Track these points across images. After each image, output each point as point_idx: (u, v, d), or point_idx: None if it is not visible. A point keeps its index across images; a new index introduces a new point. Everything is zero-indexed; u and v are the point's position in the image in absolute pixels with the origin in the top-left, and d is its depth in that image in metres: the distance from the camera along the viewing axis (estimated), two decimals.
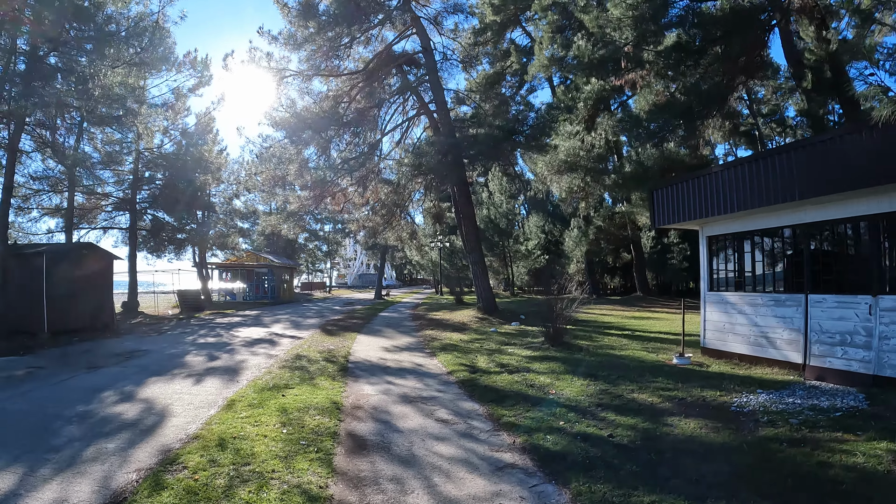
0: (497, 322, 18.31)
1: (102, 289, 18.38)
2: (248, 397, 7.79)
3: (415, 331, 17.17)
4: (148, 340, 15.67)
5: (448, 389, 8.38)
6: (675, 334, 14.80)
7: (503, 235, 40.03)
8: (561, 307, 12.24)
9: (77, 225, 25.07)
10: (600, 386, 8.09)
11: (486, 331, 16.14)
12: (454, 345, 13.25)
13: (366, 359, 11.50)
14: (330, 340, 14.61)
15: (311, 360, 11.14)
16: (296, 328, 18.40)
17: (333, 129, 19.04)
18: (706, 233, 11.33)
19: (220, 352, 12.91)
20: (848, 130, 8.11)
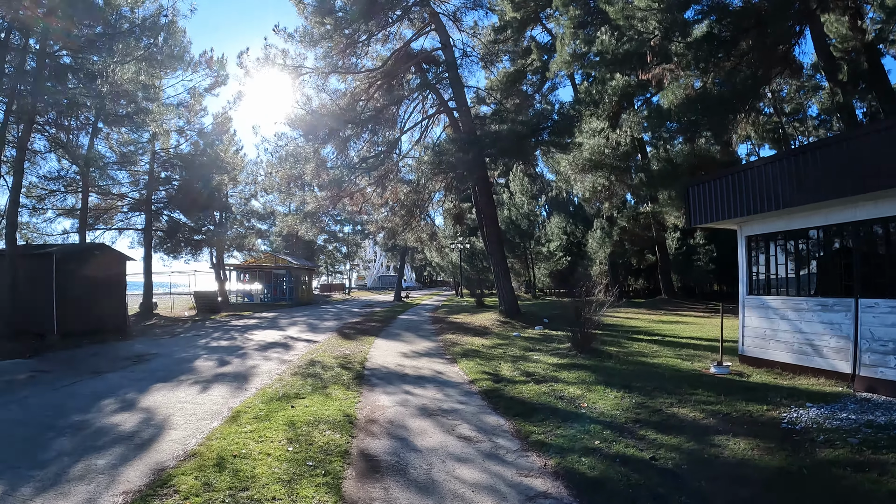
0: (520, 326, 17.64)
1: (115, 290, 18.10)
2: (255, 408, 7.25)
3: (434, 335, 16.57)
4: (159, 343, 15.33)
5: (470, 401, 7.76)
6: (708, 340, 14.03)
7: (524, 237, 39.34)
8: (588, 311, 11.54)
9: (93, 226, 24.96)
10: (636, 398, 7.41)
11: (508, 335, 15.48)
12: (476, 350, 12.62)
13: (383, 365, 10.93)
14: (346, 345, 14.07)
15: (325, 367, 10.59)
16: (312, 331, 17.92)
17: (351, 127, 18.51)
18: (745, 232, 10.56)
19: (231, 356, 12.45)
20: None
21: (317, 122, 18.09)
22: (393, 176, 22.52)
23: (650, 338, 14.47)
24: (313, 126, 18.15)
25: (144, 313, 24.31)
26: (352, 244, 67.47)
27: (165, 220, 27.14)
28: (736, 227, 10.76)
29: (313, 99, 19.93)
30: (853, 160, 7.50)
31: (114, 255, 18.57)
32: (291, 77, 20.06)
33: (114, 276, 18.14)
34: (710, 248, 33.72)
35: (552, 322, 18.64)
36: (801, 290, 9.52)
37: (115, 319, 17.95)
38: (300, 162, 19.08)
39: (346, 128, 18.24)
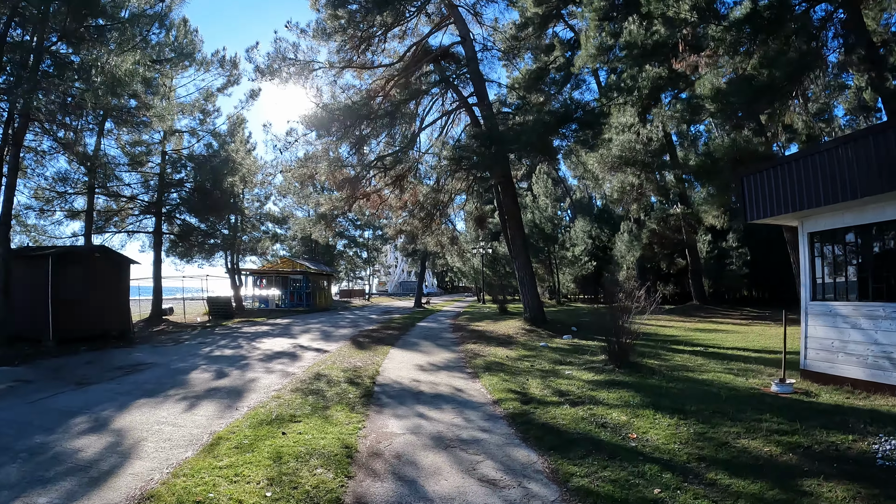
0: (546, 335, 16.34)
1: (117, 294, 17.25)
2: (240, 434, 6.16)
3: (455, 345, 15.34)
4: (160, 351, 14.45)
5: (494, 428, 6.52)
6: (757, 351, 12.66)
7: (548, 241, 37.98)
8: (626, 320, 10.24)
9: (102, 228, 24.28)
10: (694, 427, 6.12)
11: (535, 345, 14.17)
12: (500, 363, 11.36)
13: (396, 380, 9.74)
14: (359, 356, 12.93)
15: (331, 382, 9.45)
16: (324, 340, 16.83)
17: (366, 123, 17.40)
18: (808, 228, 9.16)
19: (231, 367, 11.42)
20: None
21: (330, 119, 17.02)
22: (411, 176, 21.40)
23: (691, 348, 13.09)
24: (326, 123, 17.09)
25: (153, 319, 23.53)
26: (372, 249, 66.64)
27: (179, 224, 26.39)
28: (796, 222, 9.39)
29: (326, 95, 18.96)
30: None
31: (116, 258, 17.74)
32: (303, 73, 19.09)
33: (116, 280, 17.32)
34: (744, 252, 32.02)
35: (581, 331, 17.32)
36: (876, 295, 8.12)
37: (118, 325, 17.12)
38: (311, 161, 18.04)
39: (361, 124, 17.11)
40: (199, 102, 25.97)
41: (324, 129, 17.10)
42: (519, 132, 14.73)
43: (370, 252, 66.07)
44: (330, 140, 17.19)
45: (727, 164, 15.15)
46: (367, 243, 63.63)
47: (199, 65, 25.48)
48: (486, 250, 42.06)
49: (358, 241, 61.24)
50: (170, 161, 25.03)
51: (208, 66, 25.74)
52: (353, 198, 19.61)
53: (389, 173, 19.28)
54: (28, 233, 22.60)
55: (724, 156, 15.16)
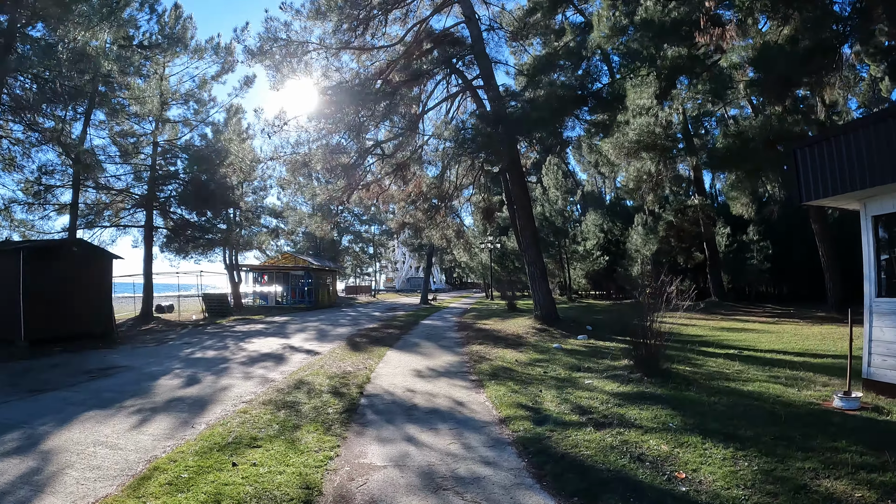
0: (559, 335, 14.94)
1: (98, 291, 16.09)
2: (182, 463, 4.96)
3: (459, 345, 13.98)
4: (139, 353, 13.33)
5: (501, 459, 5.16)
6: (799, 354, 11.26)
7: (559, 234, 36.53)
8: (654, 320, 8.85)
9: (94, 223, 23.18)
10: (757, 461, 4.75)
11: (547, 347, 12.76)
12: (508, 368, 9.98)
13: (387, 390, 8.40)
14: (351, 358, 11.62)
15: (312, 392, 8.15)
16: (319, 340, 15.56)
17: (363, 105, 15.99)
18: (871, 212, 7.70)
19: (207, 372, 10.20)
20: None
21: (323, 101, 15.71)
22: (414, 165, 20.04)
23: (723, 351, 11.67)
24: (319, 105, 15.77)
25: (144, 317, 22.41)
26: (378, 245, 65.51)
27: (174, 218, 25.19)
28: (858, 204, 7.96)
29: (319, 75, 17.54)
30: None
31: (95, 253, 16.59)
32: (297, 55, 17.73)
33: (97, 276, 16.16)
34: (765, 245, 30.38)
35: (597, 330, 15.94)
36: None
37: (99, 324, 15.99)
38: (304, 146, 16.70)
39: (357, 106, 15.71)
40: (193, 91, 24.80)
41: (316, 112, 15.73)
42: (529, 110, 13.28)
43: (376, 247, 64.98)
44: (323, 124, 15.76)
45: (759, 146, 13.68)
46: (373, 239, 62.52)
47: (192, 53, 24.35)
48: (495, 245, 40.73)
49: (363, 236, 60.08)
50: (161, 152, 23.89)
51: (202, 54, 24.58)
52: (351, 188, 18.30)
53: (390, 161, 17.92)
54: (16, 228, 21.60)
55: (757, 136, 13.68)
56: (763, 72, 12.21)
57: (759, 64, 12.16)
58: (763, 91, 12.65)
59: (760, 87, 12.63)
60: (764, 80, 12.36)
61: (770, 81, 12.18)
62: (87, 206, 23.11)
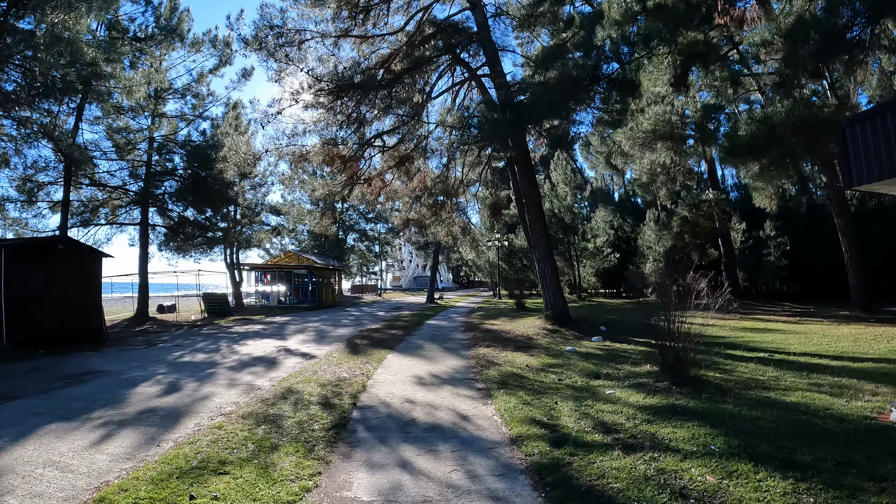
0: (572, 336, 14.00)
1: (86, 291, 15.35)
2: (131, 495, 4.28)
3: (465, 348, 13.06)
4: (125, 356, 12.58)
5: (513, 494, 4.24)
6: (833, 357, 10.35)
7: (568, 231, 35.58)
8: (682, 321, 7.93)
9: (89, 221, 22.45)
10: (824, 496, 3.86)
11: (560, 350, 11.81)
12: (519, 375, 9.05)
13: (384, 400, 7.52)
14: (348, 363, 10.75)
15: (299, 402, 7.29)
16: (317, 342, 14.71)
17: (364, 93, 15.05)
18: None
19: (191, 378, 9.39)
20: None
21: (324, 92, 14.82)
22: (417, 157, 19.11)
23: (751, 354, 10.71)
24: (319, 95, 14.87)
25: (139, 318, 21.64)
26: (384, 243, 64.66)
27: (172, 216, 24.41)
28: None
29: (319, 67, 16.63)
30: None
31: (83, 251, 15.81)
32: (293, 44, 16.84)
33: (84, 275, 15.42)
34: (783, 241, 29.32)
35: (612, 331, 15.01)
36: None
37: (88, 325, 15.29)
38: (299, 136, 15.82)
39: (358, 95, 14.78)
40: (190, 85, 24.01)
41: (313, 101, 14.81)
42: (540, 93, 12.31)
43: (382, 246, 64.16)
44: (320, 113, 14.84)
45: (787, 132, 12.68)
46: (379, 237, 61.70)
47: (190, 46, 23.57)
48: (502, 243, 39.83)
49: (369, 234, 59.25)
50: (158, 148, 23.10)
51: (199, 47, 23.79)
52: (351, 182, 17.41)
53: (392, 154, 17.01)
54: (9, 226, 20.93)
55: (784, 122, 12.67)
56: (798, 45, 11.19)
57: (797, 34, 11.14)
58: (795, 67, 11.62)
59: (793, 63, 11.61)
60: (797, 56, 11.35)
61: (802, 57, 11.17)
62: (82, 203, 22.43)
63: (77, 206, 22.16)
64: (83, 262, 15.45)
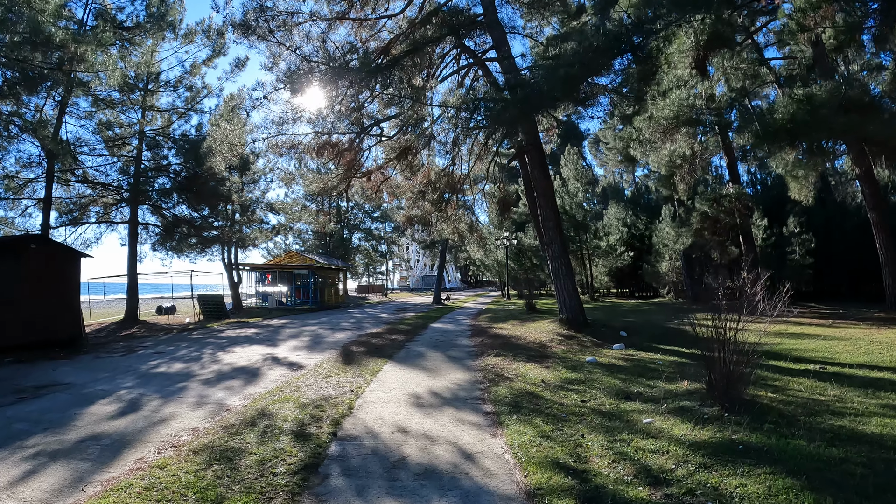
0: (590, 343, 12.62)
1: (62, 294, 14.19)
2: None
3: (471, 357, 11.69)
4: (96, 365, 11.45)
5: None
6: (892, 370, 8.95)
7: (579, 229, 34.18)
8: (733, 331, 6.60)
9: (79, 220, 21.36)
10: None
11: (579, 361, 10.38)
12: (534, 394, 7.68)
13: (371, 428, 6.21)
14: (338, 376, 9.47)
15: (269, 431, 6.02)
16: (309, 349, 13.44)
17: (362, 76, 13.66)
18: None
19: (156, 394, 8.22)
20: None
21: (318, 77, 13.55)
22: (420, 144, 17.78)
23: (800, 366, 9.31)
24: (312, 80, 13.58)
25: (128, 321, 20.49)
26: (390, 242, 63.45)
27: (167, 213, 23.24)
28: None
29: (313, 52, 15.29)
30: None
31: (59, 251, 14.63)
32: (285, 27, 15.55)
33: (61, 277, 14.23)
34: (808, 238, 27.77)
35: (633, 336, 13.65)
36: None
37: (65, 330, 14.12)
38: (288, 124, 14.51)
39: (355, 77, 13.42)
40: (184, 77, 22.86)
41: (305, 85, 13.47)
42: (554, 67, 10.88)
43: (388, 245, 62.99)
44: (311, 99, 13.51)
45: (831, 114, 11.27)
46: (385, 236, 60.52)
47: (183, 38, 22.44)
48: (511, 241, 38.52)
49: (374, 233, 58.06)
50: (150, 144, 21.94)
51: (192, 38, 22.63)
52: (349, 176, 16.10)
53: (392, 144, 15.69)
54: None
55: (827, 102, 11.25)
56: None
57: None
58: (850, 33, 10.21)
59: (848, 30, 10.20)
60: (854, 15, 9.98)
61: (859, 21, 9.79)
62: (72, 202, 21.35)
63: (66, 204, 21.11)
64: (60, 263, 14.28)
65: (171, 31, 21.59)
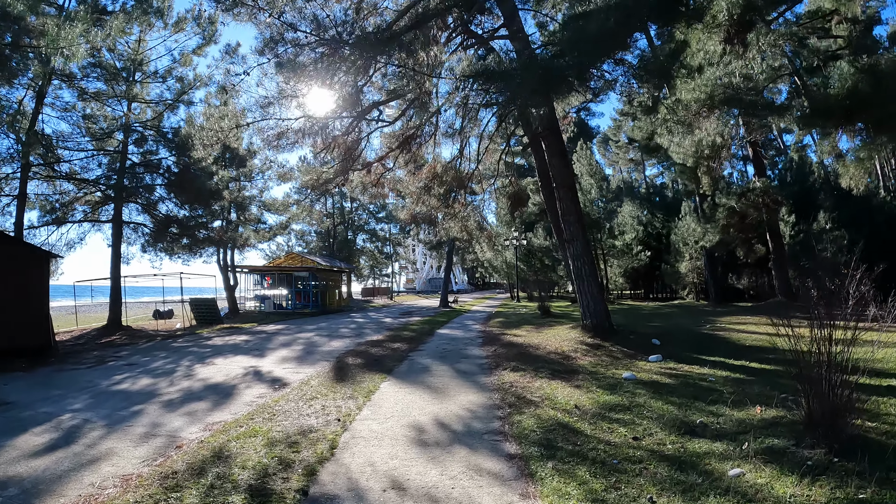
0: (620, 354, 10.94)
1: (27, 298, 12.73)
2: None
3: (484, 370, 10.00)
4: (54, 380, 10.12)
5: None
6: None
7: (593, 227, 32.43)
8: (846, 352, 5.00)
9: (63, 219, 19.91)
10: None
11: (615, 378, 8.60)
12: (569, 426, 5.95)
13: (356, 483, 4.57)
14: (325, 397, 7.87)
15: (217, 487, 4.45)
16: (299, 361, 11.86)
17: (349, 52, 12.01)
18: None
19: (103, 421, 6.84)
20: None
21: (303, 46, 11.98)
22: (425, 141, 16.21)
23: (881, 382, 7.71)
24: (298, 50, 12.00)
25: (110, 326, 19.03)
26: (395, 244, 61.94)
27: (157, 212, 21.76)
28: None
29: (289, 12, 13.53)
30: None
31: (22, 251, 13.18)
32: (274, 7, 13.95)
33: (25, 280, 12.76)
34: (840, 234, 25.97)
35: (667, 344, 12.00)
36: None
37: (29, 338, 12.66)
38: (274, 106, 12.89)
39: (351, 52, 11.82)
40: (173, 67, 21.42)
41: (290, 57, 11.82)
42: (581, 28, 9.17)
43: (394, 246, 61.51)
44: (299, 75, 11.81)
45: None
46: (390, 237, 59.04)
47: (174, 27, 21.04)
48: (520, 242, 36.91)
49: (379, 234, 56.59)
50: (136, 140, 20.51)
51: (182, 26, 21.23)
52: (346, 167, 14.51)
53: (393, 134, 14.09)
54: None
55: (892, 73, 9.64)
56: None
57: None
58: None
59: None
60: None
61: None
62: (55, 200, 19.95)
63: (48, 202, 19.72)
64: (23, 264, 12.80)
65: (160, 17, 20.20)
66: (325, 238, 47.15)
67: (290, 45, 11.68)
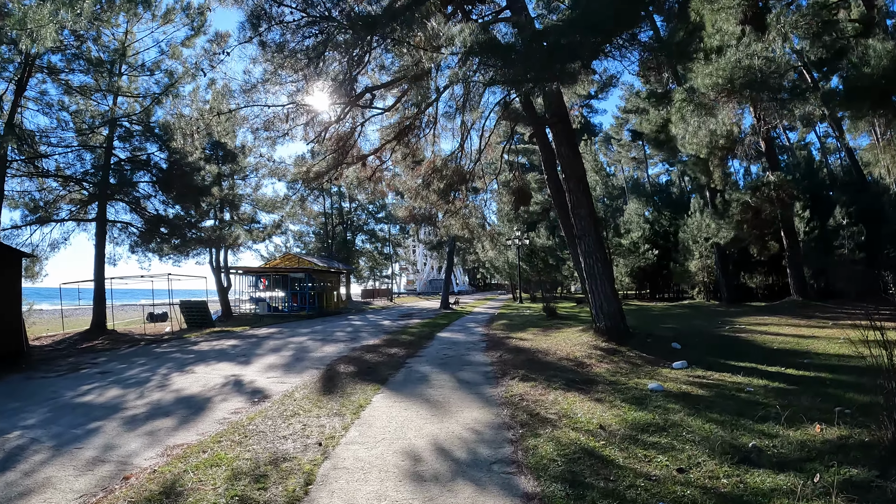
0: (639, 358, 9.94)
1: None
2: None
3: (490, 380, 8.99)
4: (15, 392, 9.16)
5: None
6: None
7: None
8: None
9: (48, 218, 18.95)
10: None
11: (640, 389, 7.54)
12: (597, 456, 4.90)
13: None
14: (308, 413, 6.90)
15: None
16: (286, 369, 10.87)
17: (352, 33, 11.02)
18: None
19: (50, 443, 5.94)
20: None
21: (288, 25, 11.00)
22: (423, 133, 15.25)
23: None
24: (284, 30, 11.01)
25: (94, 330, 18.07)
26: (395, 244, 60.96)
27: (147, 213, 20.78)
28: None
29: None
30: None
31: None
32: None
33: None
34: (857, 230, 24.98)
35: (688, 347, 11.01)
36: None
37: (2, 343, 11.73)
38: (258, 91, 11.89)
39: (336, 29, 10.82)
40: (161, 60, 20.46)
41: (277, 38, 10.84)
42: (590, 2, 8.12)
43: (394, 247, 60.55)
44: (282, 56, 10.76)
45: None
46: (389, 238, 58.07)
47: (162, 19, 20.12)
48: (523, 241, 35.96)
49: (378, 235, 55.61)
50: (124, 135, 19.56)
51: (171, 17, 20.30)
52: (339, 161, 13.53)
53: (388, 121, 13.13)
54: None
55: None
56: None
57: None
58: None
59: None
60: None
61: None
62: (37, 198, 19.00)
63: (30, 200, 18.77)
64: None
65: (147, 9, 19.28)
66: (323, 239, 46.19)
67: (275, 23, 10.68)
